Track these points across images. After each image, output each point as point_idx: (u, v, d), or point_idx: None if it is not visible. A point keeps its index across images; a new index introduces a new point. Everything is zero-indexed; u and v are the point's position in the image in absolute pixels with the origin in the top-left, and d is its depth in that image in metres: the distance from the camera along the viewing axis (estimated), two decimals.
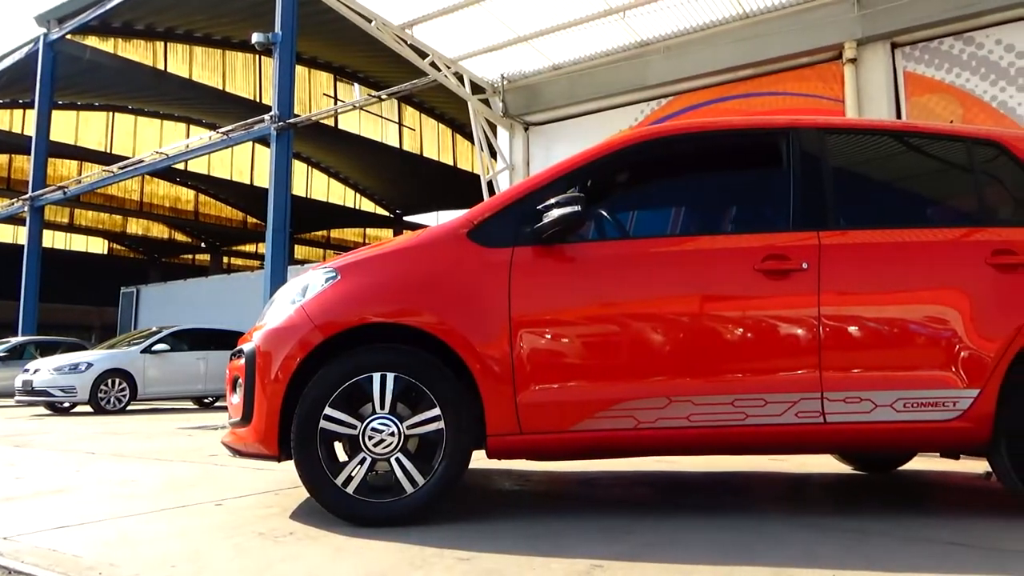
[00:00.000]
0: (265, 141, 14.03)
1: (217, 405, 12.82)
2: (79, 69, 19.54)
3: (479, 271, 2.88)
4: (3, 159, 25.57)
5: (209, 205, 30.88)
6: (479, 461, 4.13)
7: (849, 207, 3.11)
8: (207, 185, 29.09)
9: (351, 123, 25.78)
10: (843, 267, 2.92)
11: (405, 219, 33.60)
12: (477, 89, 8.76)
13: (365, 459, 2.68)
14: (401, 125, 27.75)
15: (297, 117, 13.41)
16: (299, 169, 28.16)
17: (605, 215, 3.20)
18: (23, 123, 24.08)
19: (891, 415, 2.83)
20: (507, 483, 3.83)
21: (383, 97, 13.30)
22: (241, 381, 2.90)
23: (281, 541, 2.49)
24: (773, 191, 3.19)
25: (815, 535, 2.58)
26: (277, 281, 11.79)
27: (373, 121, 26.77)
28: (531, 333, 2.81)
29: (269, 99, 14.33)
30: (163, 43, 22.45)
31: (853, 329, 2.88)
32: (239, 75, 24.43)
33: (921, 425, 2.84)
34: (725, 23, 7.39)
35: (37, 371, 10.94)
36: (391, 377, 2.72)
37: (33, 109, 19.39)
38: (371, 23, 7.56)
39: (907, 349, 2.89)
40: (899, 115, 6.63)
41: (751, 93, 7.41)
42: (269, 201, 12.68)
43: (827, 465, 4.45)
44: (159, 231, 32.55)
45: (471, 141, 12.44)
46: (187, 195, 30.25)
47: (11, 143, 23.62)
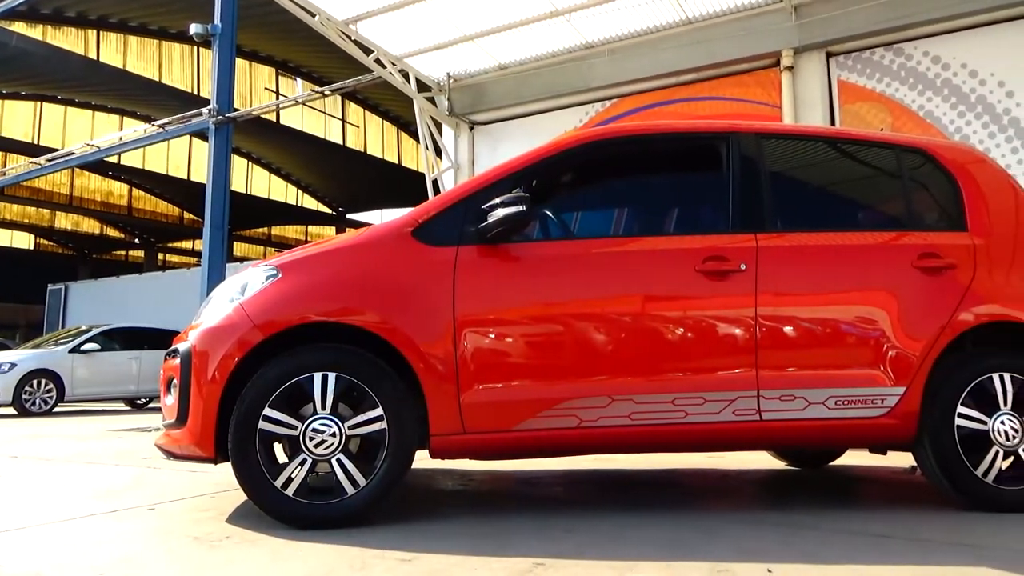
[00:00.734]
0: (203, 135, 13.65)
1: (150, 406, 12.44)
2: (5, 56, 18.67)
3: (423, 270, 2.86)
4: None
5: (144, 200, 29.89)
6: (422, 461, 4.11)
7: (785, 210, 3.20)
8: (142, 179, 28.16)
9: (293, 118, 25.31)
10: (779, 268, 3.00)
11: (348, 217, 33.15)
12: (423, 87, 8.71)
13: (306, 460, 2.63)
14: (345, 122, 27.37)
15: (237, 111, 13.10)
16: (239, 164, 27.50)
17: (550, 215, 3.23)
18: None
19: (823, 412, 2.92)
20: (450, 483, 3.82)
21: (327, 93, 13.09)
22: (176, 382, 2.81)
23: (217, 545, 2.43)
24: (713, 194, 3.26)
25: (751, 530, 2.65)
26: (215, 279, 11.50)
27: (316, 117, 26.34)
28: (475, 333, 2.81)
29: (207, 92, 13.97)
30: (96, 31, 21.63)
31: (788, 329, 2.97)
32: (176, 67, 23.73)
33: (851, 422, 2.95)
34: (669, 28, 7.53)
35: None
36: (333, 377, 2.68)
37: None
38: (315, 18, 7.45)
39: (838, 348, 2.99)
40: (833, 122, 6.86)
41: (693, 97, 7.56)
42: (207, 197, 12.34)
43: (763, 461, 4.57)
44: (90, 226, 31.36)
45: (416, 139, 12.37)
46: (120, 189, 29.22)
47: None
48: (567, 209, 3.39)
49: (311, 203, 32.26)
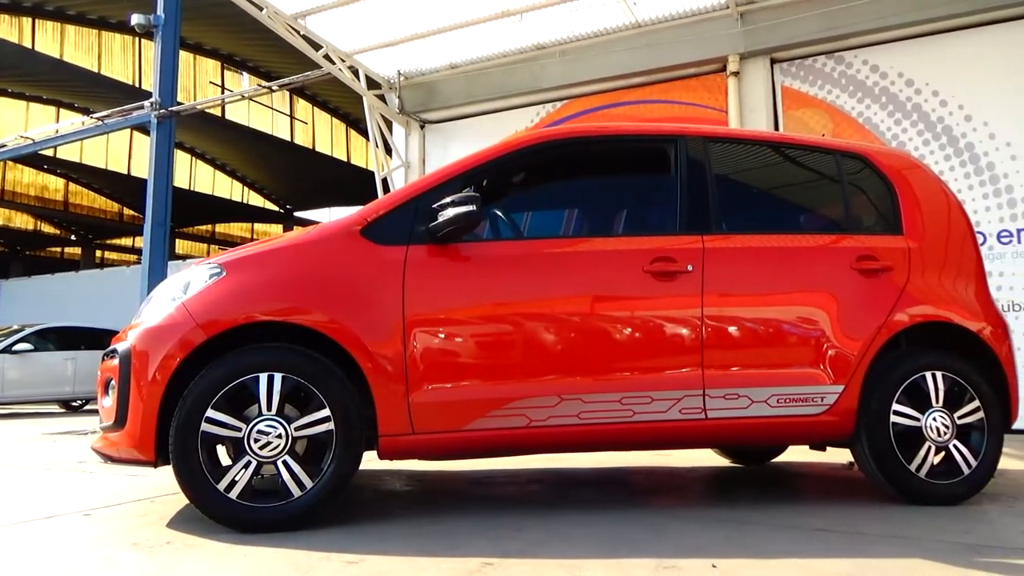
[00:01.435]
0: (144, 129, 13.24)
1: (87, 409, 12.03)
2: None
3: (372, 269, 2.83)
4: None
5: (81, 195, 28.86)
6: (370, 462, 4.07)
7: (731, 212, 3.26)
8: (79, 174, 27.18)
9: (239, 114, 24.76)
10: (725, 270, 3.07)
11: (296, 215, 32.59)
12: (373, 84, 8.63)
13: (250, 463, 2.58)
14: (293, 118, 26.91)
15: (180, 105, 12.76)
16: (182, 160, 26.78)
17: (500, 215, 3.24)
18: None
19: (766, 410, 3.00)
20: (399, 484, 3.79)
21: (274, 88, 12.85)
22: (114, 383, 2.73)
23: (157, 551, 2.37)
24: (662, 195, 3.30)
25: (696, 526, 2.70)
26: (156, 277, 11.19)
27: (263, 112, 25.82)
28: (425, 332, 2.79)
29: (149, 84, 13.54)
30: (31, 19, 20.78)
31: (733, 329, 3.03)
32: (117, 58, 22.96)
33: (793, 419, 3.03)
34: (619, 31, 7.61)
35: None
36: (279, 377, 2.63)
37: None
38: (262, 11, 7.30)
39: (781, 348, 3.07)
40: (777, 127, 7.03)
41: (643, 100, 7.66)
42: (148, 192, 11.99)
43: (707, 459, 4.66)
44: (23, 221, 30.12)
45: (366, 137, 12.23)
46: (56, 184, 28.15)
47: None
48: (517, 209, 3.40)
49: (257, 200, 31.62)
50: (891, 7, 6.47)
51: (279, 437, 2.60)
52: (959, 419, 3.13)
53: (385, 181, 8.74)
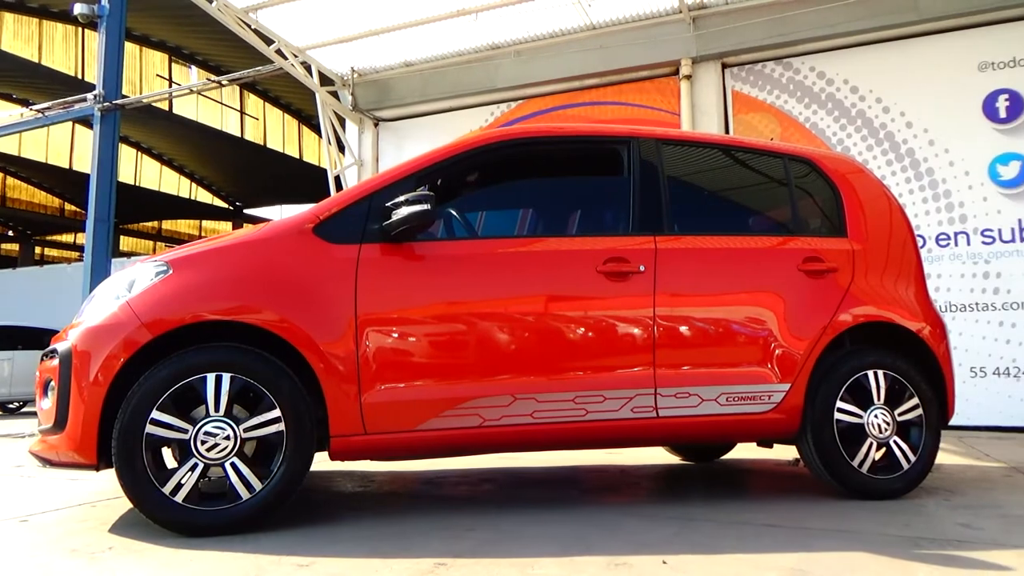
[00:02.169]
0: (88, 122, 12.88)
1: (24, 411, 11.60)
2: None
3: (324, 268, 2.80)
4: None
5: (19, 189, 27.82)
6: (321, 463, 4.02)
7: (682, 213, 3.31)
8: (17, 167, 26.20)
9: (188, 108, 24.18)
10: (676, 270, 3.11)
11: (246, 212, 31.99)
12: (326, 81, 8.52)
13: (197, 465, 2.52)
14: (243, 113, 26.40)
15: (126, 98, 12.42)
16: (127, 154, 26.04)
17: (455, 214, 3.23)
18: None
19: (716, 408, 3.05)
20: (350, 485, 3.75)
21: (224, 83, 12.60)
22: (54, 384, 2.64)
23: (98, 557, 2.29)
24: (615, 196, 3.33)
25: (647, 523, 2.73)
26: (99, 275, 10.87)
27: (212, 107, 25.27)
28: (378, 332, 2.77)
29: (93, 76, 13.16)
30: None
31: (684, 329, 3.08)
32: (59, 48, 22.20)
33: (741, 417, 3.09)
34: (573, 32, 7.66)
35: None
36: (227, 378, 2.57)
37: None
38: (212, 3, 7.15)
39: (730, 347, 3.13)
40: (727, 130, 7.17)
41: (597, 102, 7.72)
42: (91, 188, 11.65)
43: (658, 457, 4.72)
44: None
45: (319, 134, 12.07)
46: None
47: None
48: (472, 208, 3.40)
49: (206, 197, 30.93)
50: (837, 16, 6.65)
51: (227, 439, 2.54)
52: (899, 416, 3.24)
53: (338, 179, 8.63)
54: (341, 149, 8.79)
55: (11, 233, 30.65)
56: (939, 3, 6.39)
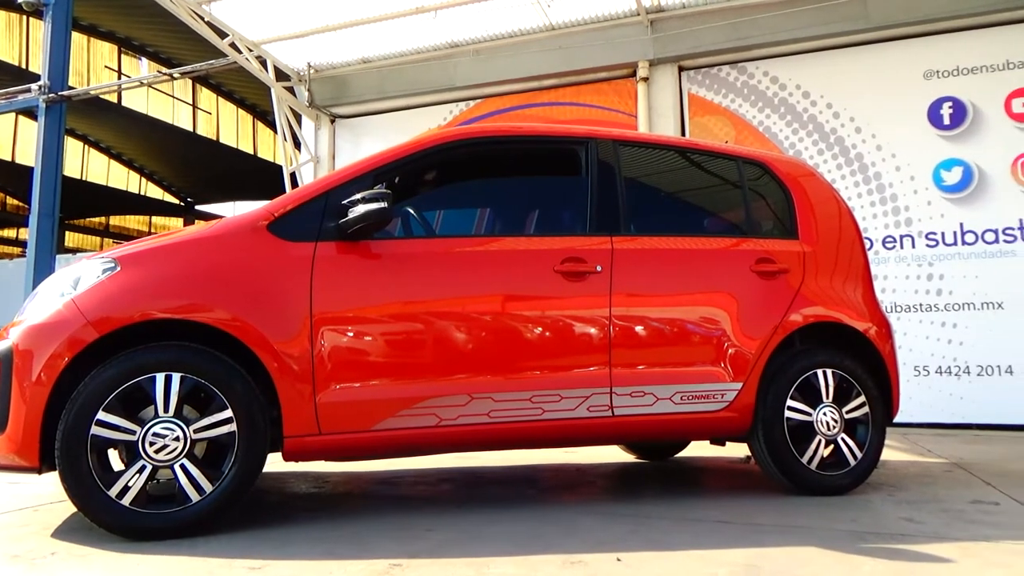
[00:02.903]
0: (32, 113, 12.46)
1: None
2: None
3: (279, 266, 2.75)
4: None
5: None
6: (275, 464, 3.95)
7: (639, 214, 3.35)
8: None
9: (138, 101, 23.56)
10: (632, 270, 3.14)
11: (198, 208, 31.32)
12: (282, 76, 8.38)
13: (145, 467, 2.46)
14: (196, 107, 25.83)
15: (72, 89, 12.06)
16: (73, 147, 25.26)
17: (412, 213, 3.21)
18: None
19: (670, 407, 3.09)
20: (304, 486, 3.70)
21: (175, 76, 12.31)
22: None
23: (39, 563, 2.22)
24: (572, 196, 3.35)
25: (603, 521, 2.75)
26: (43, 272, 10.54)
27: (163, 101, 24.66)
28: (333, 331, 2.74)
29: (38, 67, 12.74)
30: None
31: (639, 328, 3.11)
32: (1, 37, 21.44)
33: (695, 415, 3.14)
34: (532, 32, 7.67)
35: None
36: (177, 378, 2.51)
37: None
38: None
39: (684, 347, 3.17)
40: (683, 133, 7.26)
41: (555, 102, 7.75)
42: (35, 181, 11.29)
43: (613, 455, 4.77)
44: None
45: (274, 129, 11.89)
46: None
47: None
48: (429, 207, 3.38)
49: (156, 192, 30.19)
50: (791, 22, 6.79)
51: (177, 440, 2.49)
52: (847, 414, 3.32)
53: (293, 176, 8.51)
54: (297, 145, 8.66)
55: None
56: (888, 12, 6.57)
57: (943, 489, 3.44)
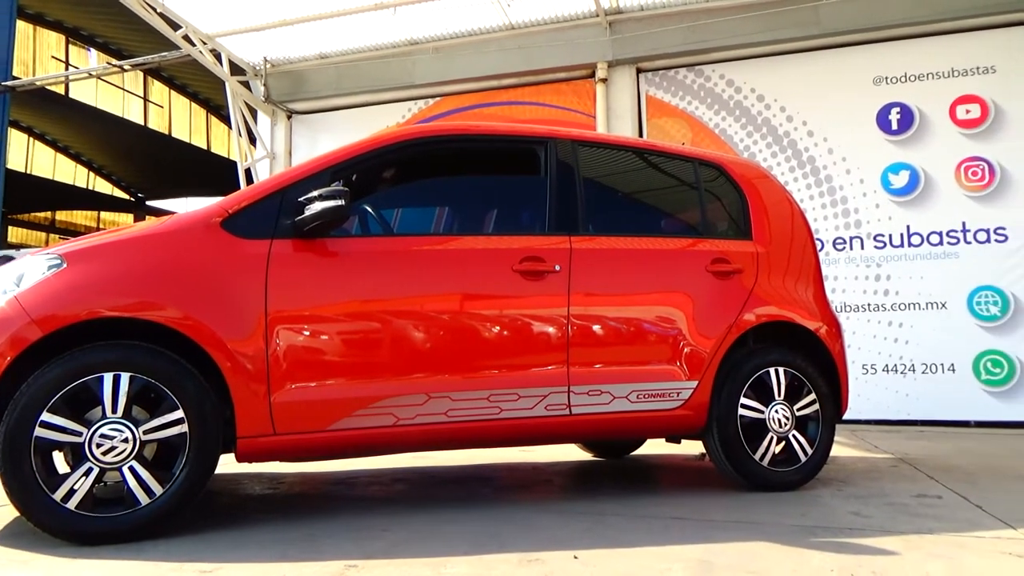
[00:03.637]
0: None
1: None
2: None
3: (233, 263, 2.70)
4: None
5: None
6: (228, 465, 3.89)
7: (597, 214, 3.37)
8: None
9: (86, 93, 22.89)
10: (590, 270, 3.16)
11: (149, 204, 30.57)
12: (236, 70, 8.23)
13: (92, 469, 2.39)
14: (147, 101, 25.20)
15: (17, 80, 11.67)
16: (17, 139, 24.44)
17: (370, 211, 3.18)
18: None
19: (627, 405, 3.12)
20: (257, 487, 3.64)
21: (126, 68, 11.98)
22: None
23: None
24: (532, 196, 3.36)
25: (560, 520, 2.77)
26: None
27: (113, 93, 24.01)
28: (288, 329, 2.70)
29: None
30: None
31: (597, 328, 3.13)
32: None
33: (651, 414, 3.18)
34: (492, 31, 7.66)
35: None
36: (126, 377, 2.45)
37: None
38: None
39: (641, 346, 3.21)
40: (641, 134, 7.33)
41: (514, 101, 7.76)
42: None
43: (570, 454, 4.79)
44: None
45: (228, 124, 11.67)
46: None
47: None
48: (388, 205, 3.36)
49: (105, 187, 29.39)
50: (746, 27, 6.91)
51: (125, 441, 2.42)
52: (798, 411, 3.40)
53: (248, 172, 8.36)
54: (252, 141, 8.51)
55: None
56: (839, 19, 6.73)
57: (889, 484, 3.54)
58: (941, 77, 6.57)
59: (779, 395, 3.37)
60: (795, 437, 3.37)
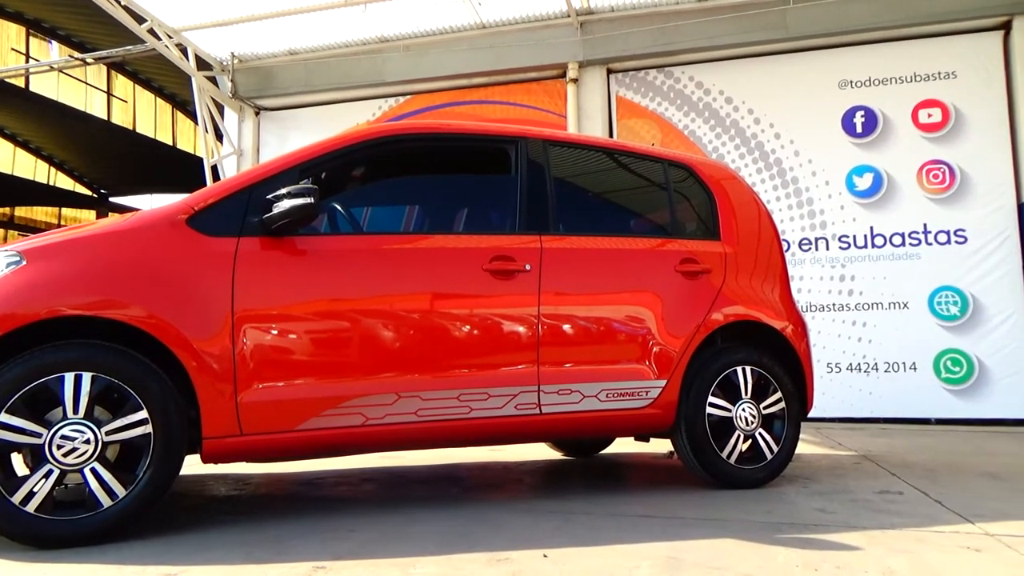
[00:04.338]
0: None
1: None
2: None
3: (199, 261, 2.66)
4: None
5: None
6: (193, 466, 3.83)
7: (567, 214, 3.38)
8: None
9: (47, 86, 22.37)
10: (560, 269, 3.17)
11: (112, 200, 29.98)
12: (203, 65, 8.11)
13: (52, 471, 2.34)
14: (110, 95, 24.71)
15: None
16: None
17: (339, 209, 3.16)
18: None
19: (596, 404, 3.14)
20: (223, 488, 3.59)
21: (89, 61, 11.74)
22: None
23: None
24: (502, 195, 3.36)
25: (529, 519, 2.77)
26: None
27: (75, 87, 23.49)
28: (256, 328, 2.67)
29: None
30: None
31: (567, 327, 3.14)
32: None
33: (620, 412, 3.20)
34: (463, 30, 7.65)
35: None
36: (87, 377, 2.40)
37: None
38: None
39: (610, 345, 3.23)
40: (611, 134, 7.38)
41: (484, 100, 7.76)
42: None
43: (540, 453, 4.81)
44: None
45: (194, 120, 11.49)
46: None
47: None
48: (357, 204, 3.34)
49: (67, 183, 28.76)
50: (715, 29, 6.99)
51: (87, 443, 2.37)
52: (764, 409, 3.45)
53: (215, 168, 8.25)
54: (219, 137, 8.39)
55: None
56: (806, 23, 6.84)
57: (853, 480, 3.60)
58: (904, 81, 6.71)
59: (746, 394, 3.42)
60: (761, 435, 3.42)
